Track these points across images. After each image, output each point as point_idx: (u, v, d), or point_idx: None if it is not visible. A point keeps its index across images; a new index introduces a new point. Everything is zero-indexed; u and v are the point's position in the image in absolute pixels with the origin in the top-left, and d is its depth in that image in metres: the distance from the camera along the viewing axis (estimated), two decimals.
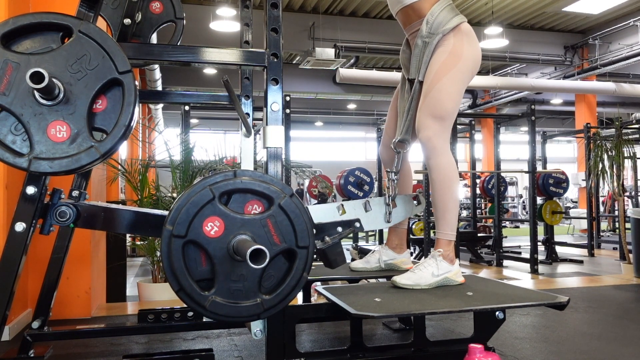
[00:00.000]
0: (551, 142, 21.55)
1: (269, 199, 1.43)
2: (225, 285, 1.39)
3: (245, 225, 1.40)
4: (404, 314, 1.71)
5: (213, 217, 1.39)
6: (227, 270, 1.39)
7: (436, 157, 1.97)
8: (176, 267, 1.37)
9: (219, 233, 1.39)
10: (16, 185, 2.52)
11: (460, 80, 2.03)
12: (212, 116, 17.07)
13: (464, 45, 2.03)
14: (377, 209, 2.08)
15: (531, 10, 11.19)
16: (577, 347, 2.22)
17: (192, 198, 1.38)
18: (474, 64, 2.07)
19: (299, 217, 1.44)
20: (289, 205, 1.43)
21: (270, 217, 1.42)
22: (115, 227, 1.63)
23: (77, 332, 2.17)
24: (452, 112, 2.01)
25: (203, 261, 1.40)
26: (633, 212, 4.40)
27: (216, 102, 2.39)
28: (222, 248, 1.39)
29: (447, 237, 1.97)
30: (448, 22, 2.02)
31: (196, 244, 1.39)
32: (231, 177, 1.43)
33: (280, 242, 1.42)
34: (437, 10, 2.04)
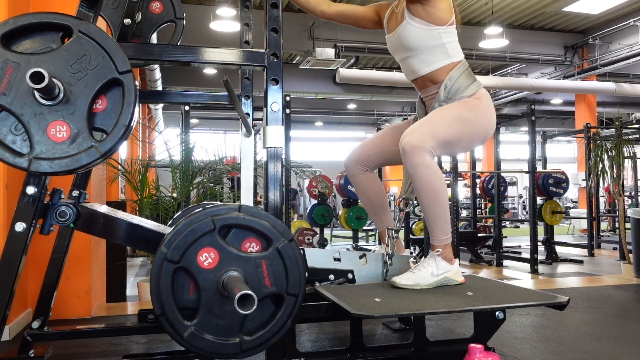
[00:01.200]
0: (551, 142, 21.55)
1: (268, 240, 1.42)
2: (207, 318, 1.37)
3: (239, 262, 1.38)
4: (404, 314, 1.71)
5: (209, 248, 1.37)
6: (212, 304, 1.37)
7: (419, 167, 1.88)
8: (163, 290, 1.35)
9: (212, 265, 1.37)
10: (16, 185, 2.52)
11: (467, 124, 1.98)
12: (212, 116, 17.06)
13: (480, 103, 2.01)
14: (373, 264, 2.09)
15: (531, 10, 11.18)
16: (577, 347, 2.22)
17: (193, 226, 1.37)
18: (485, 123, 2.02)
19: (294, 264, 1.42)
20: (287, 251, 1.41)
21: (266, 259, 1.40)
22: (112, 237, 1.64)
23: (77, 332, 2.17)
24: (445, 137, 1.93)
25: (191, 290, 1.38)
26: (633, 212, 4.39)
27: (216, 102, 2.39)
28: (212, 281, 1.37)
29: (442, 242, 1.96)
30: (466, 89, 2.01)
31: (187, 271, 1.37)
32: (235, 211, 1.41)
33: (271, 285, 1.40)
34: (455, 75, 2.02)
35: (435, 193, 1.90)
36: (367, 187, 2.28)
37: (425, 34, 2.00)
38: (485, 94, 2.05)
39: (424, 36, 2.00)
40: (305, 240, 7.27)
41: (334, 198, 11.98)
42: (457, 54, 2.05)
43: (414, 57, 2.06)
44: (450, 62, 2.03)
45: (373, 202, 2.29)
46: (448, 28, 2.02)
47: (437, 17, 1.99)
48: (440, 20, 1.99)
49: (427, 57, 2.03)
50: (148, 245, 1.59)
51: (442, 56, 2.03)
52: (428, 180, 1.88)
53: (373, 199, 2.28)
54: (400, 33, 2.05)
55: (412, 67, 2.10)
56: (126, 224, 1.60)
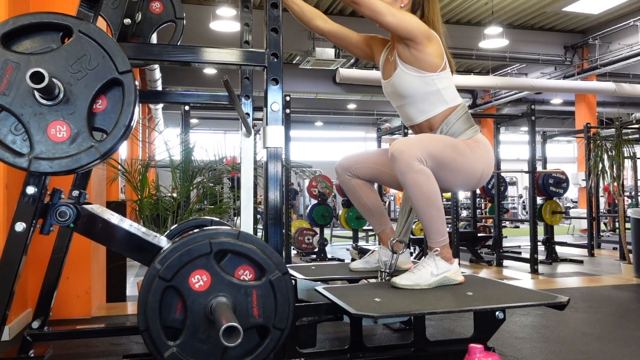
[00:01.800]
0: (551, 142, 21.55)
1: (262, 270, 1.41)
2: (190, 341, 1.36)
3: (230, 288, 1.37)
4: (404, 314, 1.71)
5: (202, 271, 1.37)
6: (197, 327, 1.36)
7: (409, 174, 1.84)
8: (150, 307, 1.34)
9: (203, 288, 1.36)
10: (16, 185, 2.52)
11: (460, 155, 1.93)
12: (212, 116, 17.06)
13: (478, 146, 1.98)
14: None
15: (531, 10, 11.18)
16: (577, 347, 2.22)
17: (190, 246, 1.37)
18: (481, 164, 1.97)
19: (285, 298, 1.41)
20: (279, 283, 1.40)
21: (257, 289, 1.39)
22: (109, 243, 1.63)
23: (77, 332, 2.17)
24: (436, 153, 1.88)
25: (178, 310, 1.37)
26: (633, 212, 4.39)
27: (216, 102, 2.39)
28: (201, 304, 1.36)
29: (439, 244, 1.95)
30: (462, 134, 1.98)
31: (177, 291, 1.36)
32: (234, 237, 1.41)
33: (259, 316, 1.39)
34: (452, 119, 1.99)
35: (426, 197, 1.86)
36: (359, 192, 2.26)
37: (418, 81, 1.97)
38: (483, 139, 2.02)
39: (418, 83, 1.98)
40: (305, 240, 7.28)
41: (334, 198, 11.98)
42: (454, 99, 2.02)
43: (409, 105, 2.04)
44: (447, 108, 2.00)
45: (366, 206, 2.28)
46: (441, 74, 1.98)
47: (426, 63, 1.95)
48: (430, 66, 1.96)
49: (423, 105, 2.01)
50: (143, 257, 1.57)
51: (438, 103, 1.99)
52: (419, 186, 1.85)
53: (366, 204, 2.27)
54: (395, 81, 2.03)
55: (408, 115, 2.07)
56: (123, 232, 1.58)
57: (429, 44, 1.94)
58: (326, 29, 2.20)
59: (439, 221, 1.93)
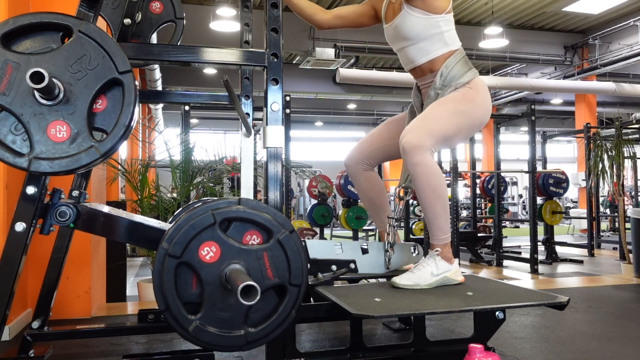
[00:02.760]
0: (551, 142, 21.54)
1: (269, 232, 1.42)
2: (212, 312, 1.37)
3: (241, 254, 1.38)
4: (404, 314, 1.71)
5: (210, 242, 1.37)
6: (215, 297, 1.38)
7: (420, 166, 1.88)
8: (166, 286, 1.35)
9: (214, 259, 1.37)
10: (16, 185, 2.52)
11: (463, 116, 1.99)
12: (212, 116, 17.05)
13: (475, 94, 2.01)
14: (374, 253, 2.08)
15: (531, 10, 11.18)
16: (577, 347, 2.22)
17: (193, 220, 1.37)
18: (481, 111, 2.03)
19: (296, 255, 1.42)
20: (288, 242, 1.41)
21: (267, 251, 1.40)
22: (113, 235, 1.64)
23: (77, 332, 2.17)
24: (442, 133, 1.94)
25: (194, 284, 1.38)
26: (633, 212, 4.39)
27: (216, 102, 2.39)
28: (215, 274, 1.37)
29: (441, 242, 1.96)
30: (462, 77, 2.01)
31: (190, 266, 1.37)
32: (235, 205, 1.42)
33: (274, 277, 1.40)
34: (452, 63, 2.02)
35: (435, 192, 1.91)
36: (368, 186, 2.28)
37: (423, 23, 2.00)
38: (481, 83, 2.05)
39: (422, 25, 2.01)
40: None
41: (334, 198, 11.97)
42: (454, 42, 2.06)
43: (412, 46, 2.07)
44: (448, 51, 2.04)
45: (373, 201, 2.29)
46: (446, 16, 2.02)
47: (435, 6, 1.99)
48: (438, 8, 2.00)
49: (425, 46, 2.04)
50: (149, 243, 1.59)
51: (439, 45, 2.03)
52: (428, 179, 1.89)
53: (373, 199, 2.29)
54: (398, 23, 2.06)
55: (410, 56, 2.10)
56: (127, 222, 1.60)
57: None
58: (330, 17, 2.24)
59: (443, 218, 1.95)
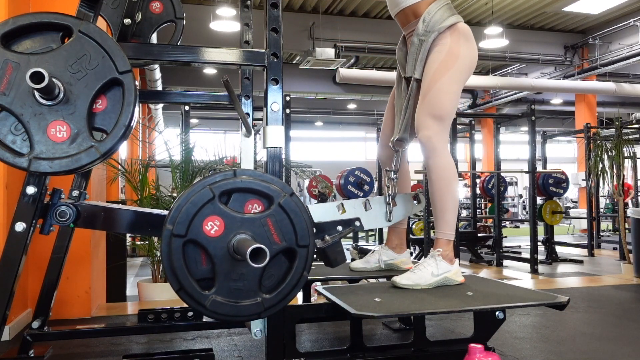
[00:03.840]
0: (551, 142, 21.54)
1: (269, 198, 1.43)
2: (225, 284, 1.39)
3: (245, 224, 1.39)
4: (404, 314, 1.71)
5: (213, 217, 1.38)
6: (227, 270, 1.39)
7: (436, 157, 1.96)
8: (176, 266, 1.36)
9: (219, 232, 1.38)
10: (16, 185, 2.52)
11: (459, 79, 2.04)
12: (212, 116, 17.05)
13: (460, 44, 2.03)
14: (377, 207, 2.08)
15: (531, 10, 11.19)
16: (577, 347, 2.22)
17: (192, 197, 1.38)
18: (470, 63, 2.08)
19: (299, 216, 1.43)
20: (289, 205, 1.43)
21: (270, 216, 1.41)
22: (115, 227, 1.63)
23: (77, 332, 2.17)
24: (451, 112, 2.02)
25: (203, 260, 1.40)
26: (633, 212, 4.39)
27: (216, 102, 2.39)
28: (222, 247, 1.38)
29: (446, 237, 1.97)
30: (444, 21, 2.03)
31: (196, 243, 1.38)
32: (231, 177, 1.42)
33: (281, 241, 1.42)
34: (434, 8, 2.04)
35: (448, 183, 1.96)
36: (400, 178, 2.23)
37: None
38: (463, 29, 2.05)
39: None
40: None
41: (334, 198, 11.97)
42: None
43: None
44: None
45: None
46: None
47: None
48: None
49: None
50: (152, 229, 1.58)
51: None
52: (443, 169, 1.95)
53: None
54: None
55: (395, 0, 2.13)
56: (128, 212, 1.60)
57: None
58: None
59: (452, 213, 1.98)
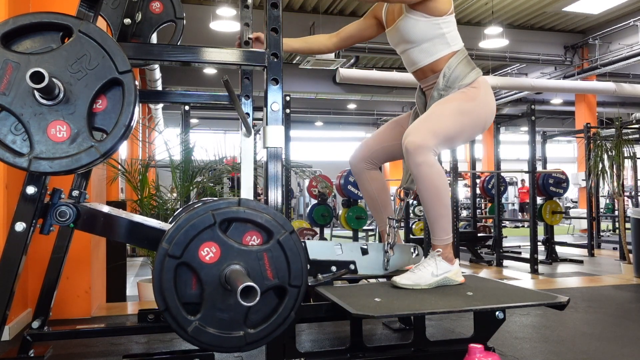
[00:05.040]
0: (551, 142, 21.54)
1: (269, 233, 1.42)
2: (211, 312, 1.37)
3: (241, 255, 1.38)
4: (404, 314, 1.71)
5: (210, 243, 1.37)
6: (215, 298, 1.37)
7: (423, 167, 1.87)
8: (166, 286, 1.35)
9: (213, 259, 1.37)
10: (16, 185, 2.52)
11: (467, 115, 1.98)
12: (212, 116, 17.05)
13: (479, 92, 2.01)
14: (374, 254, 2.08)
15: (531, 10, 11.18)
16: (577, 347, 2.22)
17: (193, 221, 1.37)
18: (485, 112, 2.03)
19: (296, 256, 1.42)
20: (288, 242, 1.41)
21: (267, 251, 1.40)
22: (113, 235, 1.63)
23: (77, 332, 2.17)
24: (446, 133, 1.93)
25: (193, 285, 1.38)
26: (633, 212, 4.39)
27: (216, 102, 2.39)
28: (215, 275, 1.37)
29: (443, 242, 1.96)
30: (465, 77, 2.01)
31: (189, 266, 1.37)
32: (235, 205, 1.41)
33: (273, 277, 1.40)
34: (454, 63, 2.02)
35: (438, 192, 1.91)
36: (372, 186, 2.28)
37: (425, 25, 2.00)
38: (484, 82, 2.05)
39: (424, 28, 2.01)
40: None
41: (334, 198, 11.97)
42: (456, 43, 2.06)
43: (414, 48, 2.07)
44: (450, 51, 2.04)
45: (376, 200, 2.29)
46: (447, 17, 2.02)
47: (435, 9, 1.99)
48: (439, 11, 1.99)
49: (428, 47, 2.04)
50: (149, 243, 1.59)
51: (442, 46, 2.03)
52: (432, 179, 1.89)
53: (376, 198, 2.28)
54: (400, 26, 2.06)
55: (412, 58, 2.10)
56: (127, 222, 1.60)
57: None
58: (337, 40, 2.29)
59: (445, 219, 1.95)
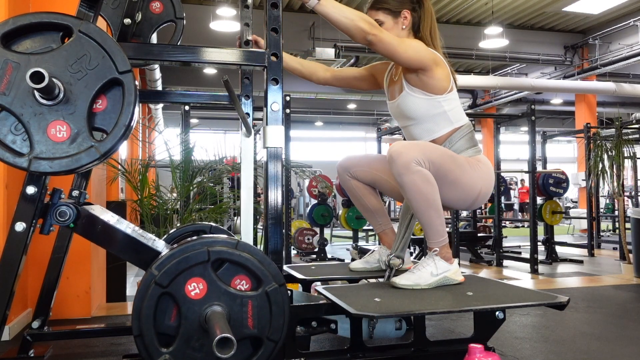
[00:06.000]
0: (551, 142, 21.54)
1: (259, 281, 1.41)
2: (183, 348, 1.35)
3: (226, 297, 1.37)
4: (404, 314, 1.71)
5: (199, 279, 1.36)
6: (191, 335, 1.36)
7: (409, 175, 1.82)
8: (145, 312, 1.34)
9: (198, 296, 1.36)
10: (16, 185, 2.52)
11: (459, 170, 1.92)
12: (212, 116, 17.06)
13: (479, 165, 1.98)
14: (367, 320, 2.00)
15: (531, 10, 11.18)
16: (577, 347, 2.22)
17: (187, 254, 1.36)
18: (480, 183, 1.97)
19: (280, 310, 1.41)
20: (275, 295, 1.40)
21: (253, 299, 1.39)
22: (107, 246, 1.63)
23: (77, 332, 2.17)
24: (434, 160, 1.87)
25: (172, 317, 1.36)
26: (633, 212, 4.39)
27: (216, 102, 2.39)
28: (196, 312, 1.36)
29: (439, 244, 1.95)
30: (464, 152, 1.99)
31: (173, 298, 1.36)
32: (232, 247, 1.41)
33: (253, 327, 1.39)
34: (456, 137, 2.00)
35: (425, 199, 1.85)
36: (359, 193, 2.26)
37: (425, 104, 1.98)
38: (485, 160, 2.02)
39: (425, 106, 1.98)
40: (305, 240, 7.28)
41: (334, 198, 11.98)
42: (459, 119, 2.02)
43: (415, 125, 2.04)
44: (452, 128, 2.01)
45: (366, 206, 2.27)
46: (448, 95, 1.98)
47: (434, 87, 1.95)
48: (438, 89, 1.96)
49: (430, 126, 2.01)
50: (141, 262, 1.56)
51: (444, 124, 2.00)
52: (417, 187, 1.83)
53: (366, 205, 2.27)
54: (401, 103, 2.04)
55: (414, 135, 2.07)
56: (122, 235, 1.57)
57: (437, 68, 1.95)
58: (329, 76, 2.26)
59: (438, 222, 1.92)
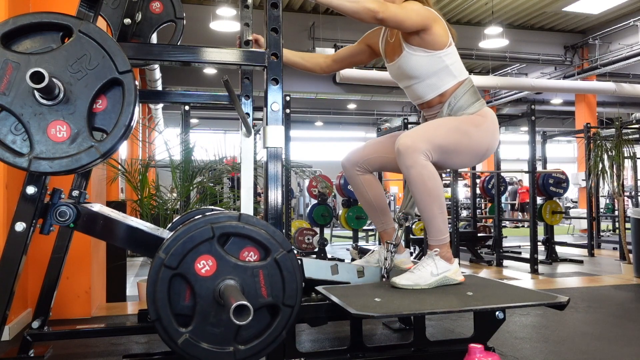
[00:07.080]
0: (551, 142, 21.54)
1: (267, 250, 1.41)
2: (202, 326, 1.36)
3: (236, 270, 1.38)
4: (404, 314, 1.71)
5: (207, 256, 1.37)
6: (207, 312, 1.37)
7: (413, 168, 1.86)
8: (159, 296, 1.35)
9: (209, 273, 1.37)
10: (16, 185, 2.52)
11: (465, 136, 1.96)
12: (212, 116, 17.06)
13: (485, 121, 2.00)
14: (370, 278, 2.07)
15: (531, 10, 11.18)
16: (577, 347, 2.22)
17: (192, 233, 1.37)
18: (486, 140, 2.00)
19: (292, 275, 1.41)
20: (285, 261, 1.41)
21: (263, 269, 1.39)
22: (111, 239, 1.63)
23: (77, 332, 2.17)
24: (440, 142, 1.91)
25: (187, 297, 1.37)
26: (633, 212, 4.40)
27: (216, 102, 2.39)
28: (209, 288, 1.36)
29: (439, 242, 1.96)
30: (469, 107, 2.00)
31: (184, 278, 1.36)
32: (235, 220, 1.41)
33: (267, 295, 1.40)
34: (460, 93, 2.01)
35: (430, 194, 1.88)
36: (365, 189, 2.26)
37: (427, 60, 1.99)
38: (490, 113, 2.04)
39: (427, 63, 2.00)
40: (305, 240, 7.27)
41: (334, 198, 11.97)
42: (461, 73, 2.04)
43: (419, 83, 2.06)
44: (456, 82, 2.03)
45: (372, 204, 2.28)
46: (448, 50, 2.00)
47: (435, 43, 1.97)
48: (439, 44, 1.98)
49: (433, 81, 2.03)
50: (147, 249, 1.58)
51: (448, 78, 2.02)
52: (423, 181, 1.87)
53: (372, 201, 2.27)
54: (402, 63, 2.04)
55: (418, 93, 2.09)
56: (125, 227, 1.59)
57: (435, 25, 1.97)
58: (330, 62, 2.31)
59: (440, 219, 1.94)
